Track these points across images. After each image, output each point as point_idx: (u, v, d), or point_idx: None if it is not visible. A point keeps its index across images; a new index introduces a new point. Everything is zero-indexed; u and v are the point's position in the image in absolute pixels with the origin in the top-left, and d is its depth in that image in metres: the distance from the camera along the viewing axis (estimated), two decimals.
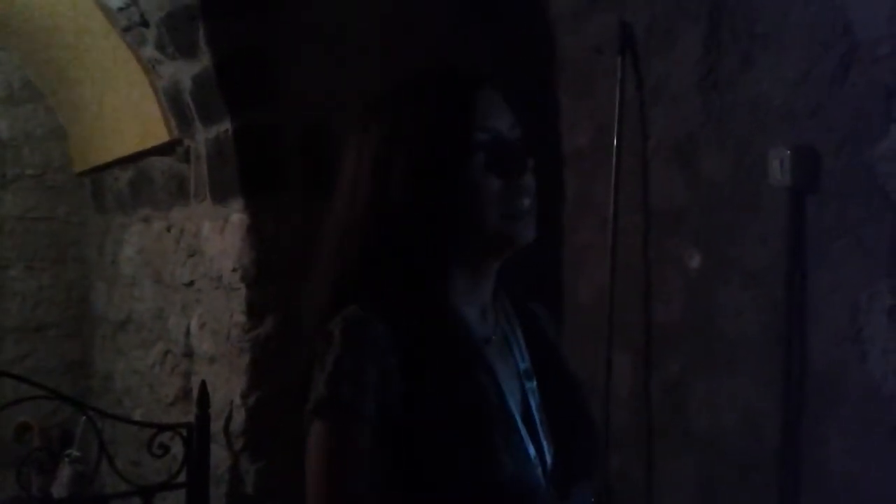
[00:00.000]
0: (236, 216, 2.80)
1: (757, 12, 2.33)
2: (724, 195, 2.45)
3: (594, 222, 2.88)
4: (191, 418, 2.49)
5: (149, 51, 3.04)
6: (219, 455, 2.66)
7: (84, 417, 2.45)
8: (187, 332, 3.15)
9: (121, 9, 3.04)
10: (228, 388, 2.75)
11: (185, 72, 2.92)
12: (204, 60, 2.80)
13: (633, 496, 2.63)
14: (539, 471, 1.08)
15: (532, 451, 1.08)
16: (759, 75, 2.31)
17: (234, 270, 2.77)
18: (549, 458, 1.10)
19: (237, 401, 2.70)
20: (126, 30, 3.10)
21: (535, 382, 1.15)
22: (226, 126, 2.82)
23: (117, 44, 3.30)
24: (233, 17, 2.78)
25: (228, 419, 2.72)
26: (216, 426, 2.64)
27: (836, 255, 2.10)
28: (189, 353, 3.13)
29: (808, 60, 2.16)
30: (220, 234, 2.91)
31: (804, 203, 2.17)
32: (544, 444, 1.11)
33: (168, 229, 3.47)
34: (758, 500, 2.29)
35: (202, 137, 3.01)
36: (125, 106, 3.60)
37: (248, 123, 2.80)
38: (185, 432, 2.43)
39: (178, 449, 2.43)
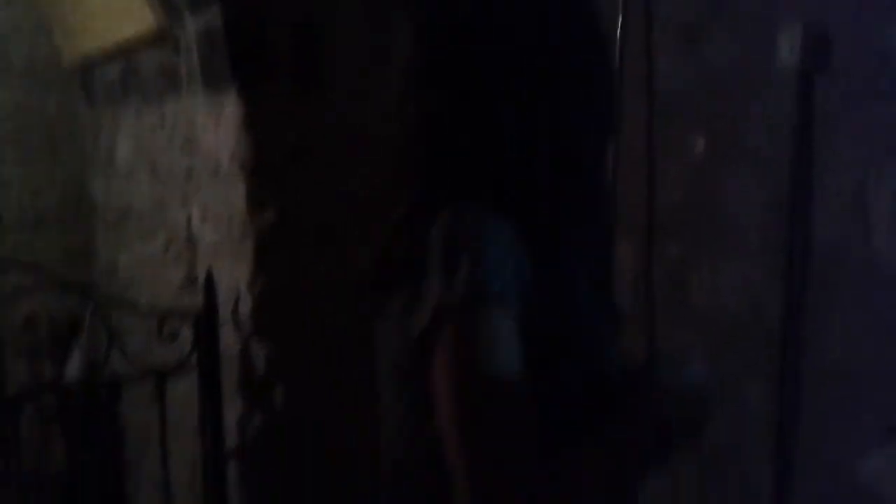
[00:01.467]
0: (231, 106, 2.77)
1: None
2: (729, 78, 2.41)
3: None
4: (199, 303, 2.51)
5: None
6: (228, 339, 2.69)
7: (91, 305, 2.46)
8: (189, 222, 3.15)
9: None
10: (234, 275, 2.77)
11: None
12: None
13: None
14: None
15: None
16: None
17: (231, 160, 2.76)
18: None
19: (243, 287, 2.72)
20: None
21: None
22: (215, 13, 2.75)
23: None
24: None
25: (236, 305, 2.74)
26: (224, 311, 2.66)
27: (844, 136, 2.09)
28: (192, 242, 3.13)
29: None
30: (216, 124, 2.88)
31: (812, 85, 2.15)
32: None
33: (162, 121, 3.43)
34: (755, 376, 2.34)
35: (192, 26, 2.94)
36: None
37: (238, 12, 2.74)
38: (193, 317, 2.46)
39: (187, 334, 2.46)
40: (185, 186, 3.21)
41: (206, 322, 2.42)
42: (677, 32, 2.58)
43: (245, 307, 2.71)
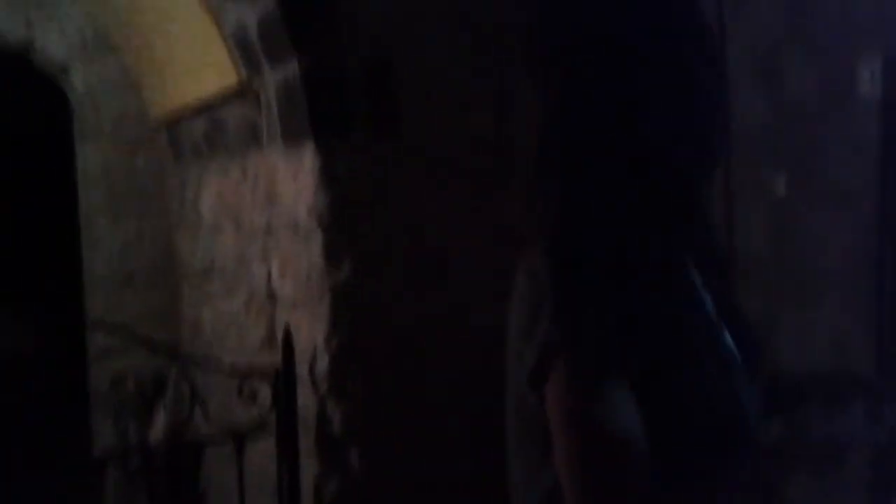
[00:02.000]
0: (309, 160, 2.79)
1: None
2: (809, 112, 2.33)
3: None
4: (278, 362, 2.52)
5: None
6: (305, 398, 2.69)
7: (175, 366, 2.50)
8: (269, 278, 3.19)
9: None
10: (311, 332, 2.78)
11: (249, 13, 2.89)
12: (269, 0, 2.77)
13: None
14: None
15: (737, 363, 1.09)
16: None
17: (309, 215, 2.78)
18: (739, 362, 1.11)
19: (320, 344, 2.72)
20: None
21: (708, 295, 1.13)
22: (293, 66, 2.79)
23: None
24: None
25: (313, 363, 2.75)
26: (301, 370, 2.67)
27: None
28: (272, 298, 3.16)
29: None
30: (294, 179, 2.91)
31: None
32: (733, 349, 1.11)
33: (244, 176, 3.49)
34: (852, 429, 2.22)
35: (271, 80, 2.99)
36: (195, 52, 3.60)
37: (316, 63, 2.76)
38: (272, 377, 2.47)
39: (266, 393, 2.47)
40: (265, 241, 3.25)
41: (285, 381, 2.42)
42: (754, 66, 2.51)
43: (322, 365, 2.71)
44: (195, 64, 3.67)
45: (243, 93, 3.32)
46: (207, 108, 3.76)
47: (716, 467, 1.02)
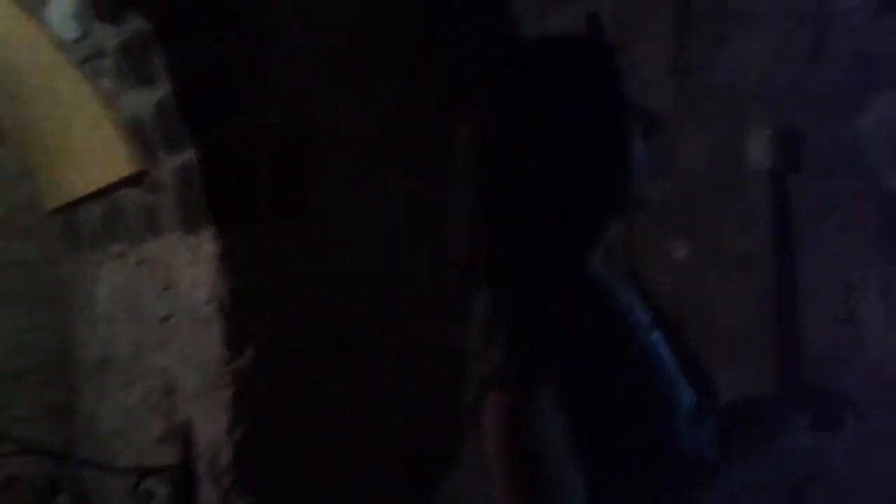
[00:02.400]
0: (208, 246, 2.73)
1: None
2: (704, 182, 2.38)
3: None
4: (176, 458, 2.42)
5: (107, 82, 2.97)
6: (208, 495, 2.58)
7: (68, 467, 2.37)
8: (167, 369, 3.07)
9: (76, 40, 2.97)
10: (212, 424, 2.67)
11: (145, 100, 2.85)
12: (163, 87, 2.74)
13: None
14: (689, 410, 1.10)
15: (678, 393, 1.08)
16: (733, 55, 2.25)
17: (208, 302, 2.70)
18: (690, 399, 1.13)
19: (222, 437, 2.62)
20: (83, 62, 3.04)
21: (658, 334, 1.16)
22: (190, 154, 2.75)
23: (77, 77, 3.23)
24: (189, 40, 2.72)
25: (214, 457, 2.63)
26: (202, 464, 2.56)
27: (824, 235, 2.04)
28: (171, 390, 3.04)
29: (784, 36, 2.10)
30: (193, 266, 2.84)
31: (786, 185, 2.11)
32: (683, 386, 1.11)
33: (142, 263, 3.39)
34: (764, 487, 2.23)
35: (168, 167, 2.94)
36: (90, 140, 3.52)
37: (213, 150, 2.73)
38: (169, 475, 2.35)
39: (165, 492, 2.35)
40: (163, 331, 3.14)
41: (183, 478, 2.31)
42: (649, 140, 2.56)
43: (224, 459, 2.60)
44: (91, 152, 3.58)
45: (140, 180, 3.25)
46: (104, 196, 3.66)
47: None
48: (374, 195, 2.83)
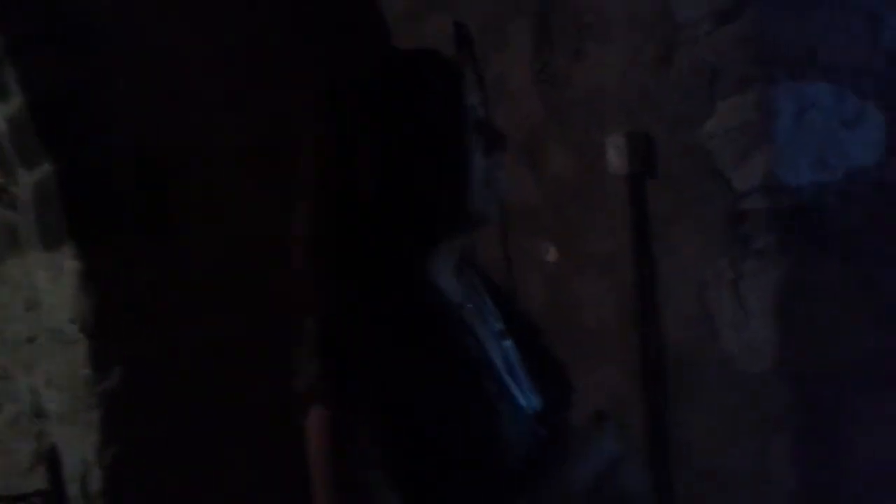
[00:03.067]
0: (69, 263, 2.65)
1: (582, 5, 2.33)
2: (570, 188, 2.45)
3: None
4: (47, 483, 2.33)
5: None
6: None
7: None
8: (34, 391, 2.97)
9: None
10: (82, 447, 2.60)
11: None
12: (17, 102, 2.66)
13: None
14: (532, 418, 1.15)
15: (523, 401, 1.15)
16: (591, 66, 2.32)
17: (72, 322, 2.62)
18: (536, 406, 1.17)
19: (92, 459, 2.55)
20: None
21: (510, 341, 1.21)
22: (48, 169, 2.67)
23: None
24: (44, 54, 2.64)
25: (85, 479, 2.56)
26: (74, 488, 2.48)
27: (679, 236, 2.12)
28: (40, 414, 2.94)
29: (634, 47, 2.17)
30: (55, 284, 2.75)
31: (643, 188, 2.19)
32: (531, 394, 1.18)
33: (3, 283, 3.26)
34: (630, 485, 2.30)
35: (26, 182, 2.84)
36: None
37: (72, 166, 2.67)
38: (39, 501, 2.27)
39: None
40: (29, 352, 3.03)
41: (54, 503, 2.23)
42: (519, 150, 2.62)
43: (95, 481, 2.53)
44: None
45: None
46: None
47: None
48: (241, 210, 2.80)
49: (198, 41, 2.83)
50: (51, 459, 2.28)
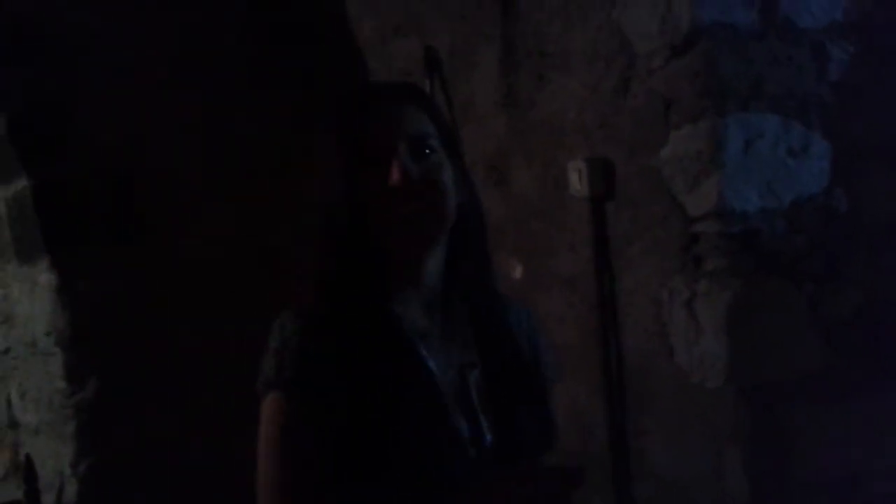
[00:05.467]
0: (44, 276, 2.70)
1: (544, 33, 2.43)
2: (534, 208, 2.54)
3: None
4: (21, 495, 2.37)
5: None
6: None
7: None
8: (9, 403, 3.00)
9: None
10: (57, 459, 2.64)
11: None
12: None
13: None
14: (472, 449, 1.19)
15: (466, 431, 1.19)
16: (553, 92, 2.41)
17: (47, 334, 2.66)
18: (488, 437, 1.20)
19: (67, 470, 2.59)
20: None
21: (476, 372, 1.24)
22: (23, 183, 2.71)
23: None
24: (19, 67, 2.68)
25: (61, 491, 2.60)
26: (49, 498, 2.52)
27: (636, 256, 2.22)
28: (14, 425, 2.98)
29: (594, 76, 2.27)
30: (31, 297, 2.79)
31: (603, 210, 2.28)
32: (483, 425, 1.21)
33: None
34: (594, 495, 2.39)
35: (1, 196, 2.88)
36: None
37: (48, 178, 2.71)
38: None
39: None
40: (3, 364, 3.07)
41: None
42: (486, 169, 2.70)
43: (71, 493, 2.58)
44: None
45: None
46: None
47: None
48: (211, 221, 2.86)
49: (169, 54, 2.89)
50: (27, 470, 2.32)
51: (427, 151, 1.21)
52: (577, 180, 2.31)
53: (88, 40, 2.78)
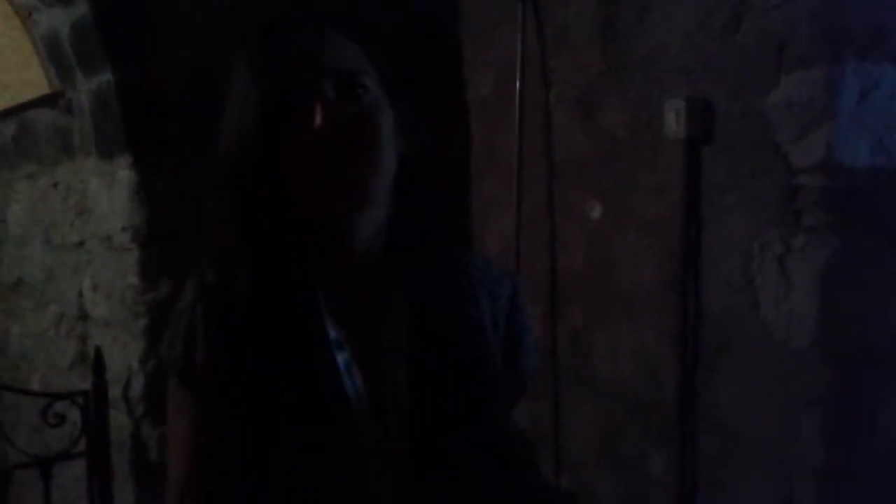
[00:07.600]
0: (124, 173, 2.70)
1: None
2: (622, 146, 2.45)
3: (500, 172, 2.87)
4: (89, 384, 2.41)
5: None
6: (120, 421, 2.59)
7: None
8: (80, 295, 3.04)
9: None
10: (126, 353, 2.68)
11: (62, 19, 2.77)
12: (82, 7, 2.67)
13: (543, 439, 2.68)
14: (376, 459, 1.01)
15: (374, 435, 1.02)
16: (655, 26, 2.31)
17: (124, 230, 2.68)
18: (401, 444, 1.02)
19: (135, 366, 2.63)
20: None
21: (347, 353, 1.03)
22: (108, 77, 2.70)
23: None
24: None
25: (127, 385, 2.64)
26: (115, 392, 2.56)
27: (730, 205, 2.13)
28: (84, 316, 3.02)
29: (702, 11, 2.16)
30: (109, 192, 2.80)
31: (699, 155, 2.19)
32: (393, 428, 1.02)
33: (55, 186, 3.32)
34: (656, 444, 2.35)
35: (85, 89, 2.88)
36: (5, 57, 3.40)
37: (132, 74, 2.68)
38: (81, 400, 2.35)
39: (77, 416, 2.35)
40: (77, 256, 3.10)
41: (95, 405, 2.31)
42: (572, 102, 2.62)
43: (137, 387, 2.62)
44: (5, 70, 3.47)
45: (55, 100, 3.17)
46: (17, 114, 3.55)
47: None
48: None
49: None
50: (96, 362, 2.35)
51: (359, 91, 0.99)
52: (673, 121, 2.21)
53: None
